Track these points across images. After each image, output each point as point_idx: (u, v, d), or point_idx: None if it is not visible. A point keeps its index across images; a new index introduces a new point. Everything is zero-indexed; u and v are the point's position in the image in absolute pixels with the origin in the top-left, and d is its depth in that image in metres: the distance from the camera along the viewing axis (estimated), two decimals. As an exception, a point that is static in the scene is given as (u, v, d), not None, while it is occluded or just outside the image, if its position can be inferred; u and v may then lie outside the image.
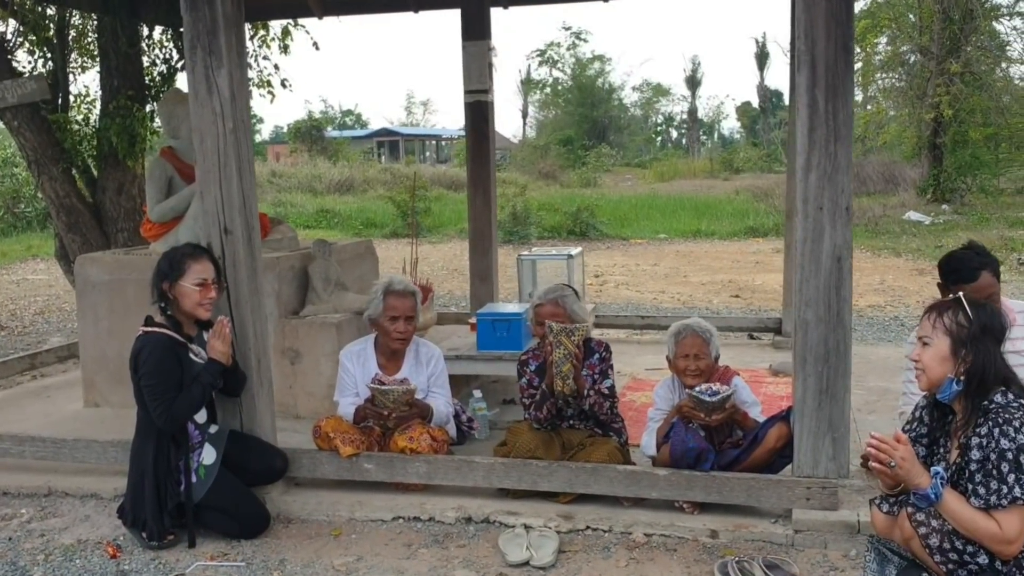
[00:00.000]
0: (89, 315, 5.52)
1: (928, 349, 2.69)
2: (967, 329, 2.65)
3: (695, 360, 3.94)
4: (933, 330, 2.68)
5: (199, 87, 3.85)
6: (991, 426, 2.53)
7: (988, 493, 2.50)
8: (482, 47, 6.86)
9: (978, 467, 2.53)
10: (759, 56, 56.74)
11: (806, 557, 3.45)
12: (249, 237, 3.99)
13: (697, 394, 3.71)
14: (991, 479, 2.49)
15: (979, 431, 2.56)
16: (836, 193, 3.43)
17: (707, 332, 3.97)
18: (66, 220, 7.58)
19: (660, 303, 10.28)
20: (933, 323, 2.69)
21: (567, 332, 3.89)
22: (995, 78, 22.47)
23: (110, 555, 3.66)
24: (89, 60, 8.41)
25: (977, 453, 2.54)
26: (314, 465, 4.09)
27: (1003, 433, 2.49)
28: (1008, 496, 2.46)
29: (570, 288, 4.34)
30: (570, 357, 3.89)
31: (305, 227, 20.17)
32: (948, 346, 2.65)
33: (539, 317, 4.15)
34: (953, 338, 2.65)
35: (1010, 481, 2.46)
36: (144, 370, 3.65)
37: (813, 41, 3.38)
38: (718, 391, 3.72)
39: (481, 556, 3.55)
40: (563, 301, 4.15)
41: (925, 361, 2.69)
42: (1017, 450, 2.47)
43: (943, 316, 2.69)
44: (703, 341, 3.95)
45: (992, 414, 2.55)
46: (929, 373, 2.69)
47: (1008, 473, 2.47)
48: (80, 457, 4.33)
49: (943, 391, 2.68)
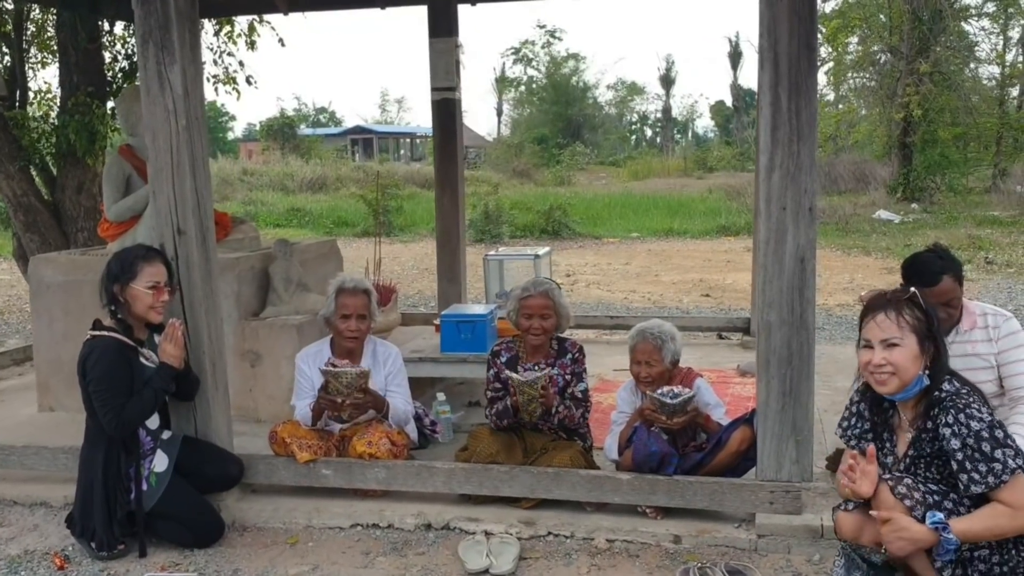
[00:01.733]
0: (44, 317, 5.39)
1: (899, 350, 2.63)
2: (925, 323, 2.65)
3: (646, 367, 3.88)
4: (900, 330, 2.64)
5: (151, 83, 3.74)
6: (955, 413, 2.54)
7: (987, 474, 2.49)
8: (449, 44, 6.78)
9: (962, 455, 2.52)
10: (732, 55, 57.03)
11: (769, 562, 3.40)
12: (204, 238, 3.88)
13: (658, 396, 3.65)
14: (979, 462, 2.49)
15: (945, 419, 2.56)
16: (799, 193, 3.39)
17: (659, 338, 3.88)
18: (24, 219, 7.42)
19: (631, 303, 10.24)
20: (898, 323, 2.64)
21: (529, 384, 3.80)
22: (964, 78, 22.73)
23: (57, 566, 3.55)
24: (49, 56, 8.25)
25: (956, 442, 2.53)
26: (270, 471, 3.99)
27: (969, 416, 2.52)
28: (1007, 471, 2.47)
29: (554, 282, 4.27)
30: (536, 399, 3.83)
31: (275, 226, 19.99)
32: (916, 343, 2.63)
33: (527, 310, 4.04)
34: (919, 334, 2.64)
35: (1000, 456, 2.48)
36: (92, 375, 3.54)
37: (776, 38, 3.33)
38: (679, 393, 3.67)
39: (440, 564, 3.48)
40: (552, 294, 4.08)
41: (898, 363, 2.63)
42: (989, 427, 2.50)
43: (903, 315, 2.65)
44: (653, 348, 3.87)
45: (948, 402, 2.57)
46: (903, 375, 2.64)
47: (994, 450, 2.48)
48: (29, 464, 4.20)
49: (910, 389, 2.65)
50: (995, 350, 3.59)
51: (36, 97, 8.10)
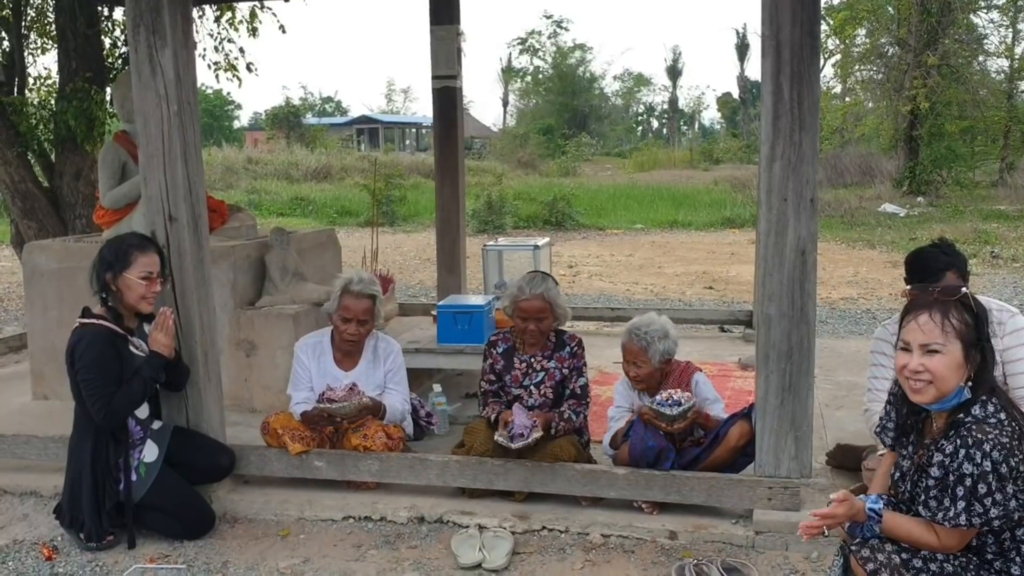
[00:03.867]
0: (38, 304, 5.34)
1: (940, 358, 2.36)
2: (975, 328, 2.39)
3: (633, 367, 3.79)
4: (944, 335, 2.36)
5: (142, 68, 3.68)
6: (958, 445, 2.34)
7: (937, 509, 2.38)
8: (451, 31, 6.71)
9: (936, 483, 2.40)
10: (739, 47, 56.89)
11: (767, 559, 3.35)
12: (196, 225, 3.83)
13: (658, 407, 3.57)
14: (944, 496, 2.37)
15: (945, 447, 2.38)
16: (801, 184, 3.32)
17: (644, 339, 3.74)
18: (21, 206, 7.38)
19: (633, 295, 10.18)
20: (943, 327, 2.36)
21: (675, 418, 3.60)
22: (972, 71, 22.59)
23: (45, 557, 3.50)
24: (48, 41, 8.19)
25: (937, 471, 2.39)
26: (262, 462, 3.95)
27: (968, 457, 2.31)
28: (953, 520, 2.34)
29: (551, 277, 4.09)
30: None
31: (279, 215, 19.97)
32: (960, 351, 2.37)
33: (522, 313, 3.92)
34: (965, 341, 2.37)
35: (959, 507, 2.32)
36: (81, 364, 3.49)
37: (778, 26, 3.25)
38: (679, 401, 3.58)
39: (432, 558, 3.43)
40: (548, 295, 3.93)
41: (938, 372, 2.36)
42: (978, 477, 2.29)
43: (949, 318, 2.37)
44: (639, 349, 3.75)
45: (964, 430, 2.35)
46: (941, 385, 2.37)
47: (960, 498, 2.32)
48: (20, 453, 4.16)
49: (947, 401, 2.40)
50: (1000, 347, 3.52)
51: (35, 83, 8.05)
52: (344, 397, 3.88)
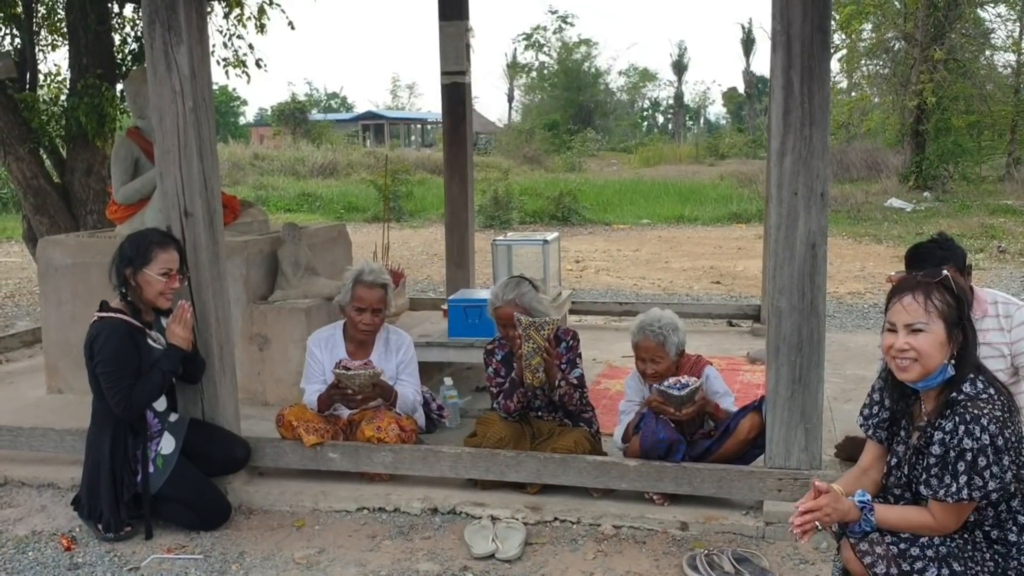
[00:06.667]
0: (52, 299, 5.39)
1: (924, 336, 2.47)
2: (956, 309, 2.49)
3: (651, 364, 3.80)
4: (927, 315, 2.47)
5: (158, 64, 3.72)
6: (957, 422, 2.42)
7: (939, 486, 2.44)
8: (459, 27, 6.73)
9: (937, 460, 2.46)
10: (745, 42, 56.74)
11: (777, 549, 3.38)
12: (211, 220, 3.87)
13: (665, 388, 3.61)
14: (945, 474, 2.43)
15: (944, 425, 2.45)
16: (811, 178, 3.34)
17: (661, 334, 3.76)
18: (33, 202, 7.43)
19: (640, 289, 10.20)
20: (925, 307, 2.47)
21: (536, 327, 3.73)
22: (979, 66, 22.51)
23: (64, 547, 3.55)
24: (59, 38, 8.23)
25: (938, 449, 2.45)
26: (277, 454, 3.99)
27: (968, 432, 2.39)
28: (956, 495, 2.40)
29: (527, 281, 4.07)
30: (540, 351, 3.75)
31: (286, 211, 20.00)
32: (943, 330, 2.47)
33: (501, 319, 3.96)
34: (947, 321, 2.47)
35: (961, 481, 2.39)
36: (100, 357, 3.53)
37: (789, 21, 3.28)
38: (687, 383, 3.62)
39: (446, 548, 3.47)
40: (521, 300, 3.94)
41: (923, 349, 2.46)
42: (978, 451, 2.38)
43: (932, 298, 2.48)
44: (657, 344, 3.77)
45: (960, 407, 2.44)
46: (927, 362, 2.47)
47: (962, 473, 2.39)
48: (37, 445, 4.21)
49: (933, 379, 2.51)
50: (1007, 339, 3.55)
51: (46, 79, 8.09)
52: (359, 368, 3.91)
